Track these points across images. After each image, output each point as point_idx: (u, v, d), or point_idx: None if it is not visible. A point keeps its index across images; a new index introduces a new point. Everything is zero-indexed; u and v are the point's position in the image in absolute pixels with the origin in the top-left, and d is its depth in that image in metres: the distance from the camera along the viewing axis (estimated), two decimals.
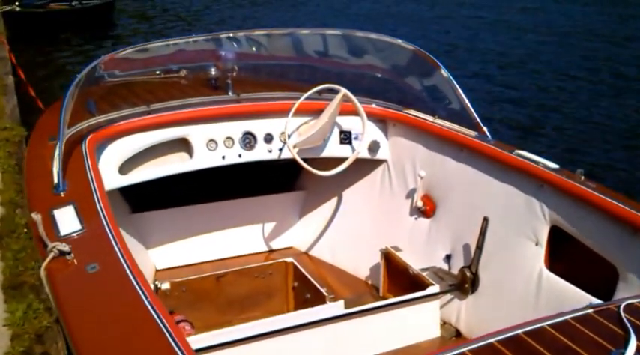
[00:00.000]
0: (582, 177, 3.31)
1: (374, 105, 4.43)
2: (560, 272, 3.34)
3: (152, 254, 4.50)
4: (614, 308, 2.10)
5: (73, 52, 15.38)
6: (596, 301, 3.01)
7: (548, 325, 1.99)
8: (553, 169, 3.45)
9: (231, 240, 4.72)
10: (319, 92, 4.23)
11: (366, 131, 4.31)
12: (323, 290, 3.89)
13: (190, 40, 4.67)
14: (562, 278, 3.30)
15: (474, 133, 3.98)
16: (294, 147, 4.13)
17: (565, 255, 3.38)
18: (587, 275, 3.23)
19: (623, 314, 2.03)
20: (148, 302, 2.24)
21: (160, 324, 2.12)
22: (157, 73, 4.64)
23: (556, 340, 1.93)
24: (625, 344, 1.86)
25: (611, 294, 3.04)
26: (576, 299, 3.14)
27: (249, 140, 4.21)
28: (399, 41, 4.51)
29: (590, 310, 2.10)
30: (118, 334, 2.18)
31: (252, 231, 4.82)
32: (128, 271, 2.43)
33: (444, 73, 4.25)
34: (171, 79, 4.67)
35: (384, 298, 3.98)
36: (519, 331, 1.95)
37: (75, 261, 2.59)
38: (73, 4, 17.60)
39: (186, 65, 4.66)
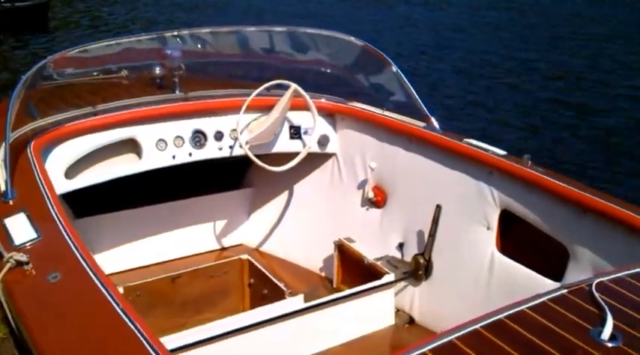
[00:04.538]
0: (529, 162, 3.43)
1: (323, 100, 4.47)
2: (511, 254, 3.44)
3: (100, 259, 4.35)
4: (586, 287, 2.14)
5: (1, 56, 14.81)
6: (548, 282, 3.13)
7: (527, 308, 2.03)
8: (502, 155, 3.56)
9: (181, 240, 4.66)
10: (269, 88, 4.24)
11: (316, 125, 4.35)
12: (281, 285, 3.88)
13: (134, 39, 4.60)
14: (514, 261, 3.40)
15: (422, 124, 4.06)
16: (246, 143, 4.13)
17: (516, 238, 3.48)
18: (538, 256, 3.34)
19: (595, 292, 2.08)
20: (120, 308, 2.17)
21: (133, 327, 2.07)
22: (101, 73, 4.54)
23: (536, 322, 1.97)
24: (602, 322, 1.91)
25: (562, 274, 3.15)
26: (528, 280, 3.24)
27: (199, 138, 4.18)
28: (349, 37, 4.55)
29: (565, 291, 2.13)
30: (90, 343, 2.10)
31: (202, 230, 4.77)
32: (93, 276, 2.36)
33: (393, 67, 4.32)
34: (115, 79, 4.57)
35: (338, 289, 4.02)
36: (501, 316, 1.98)
37: (34, 271, 2.48)
38: (4, 5, 16.90)
39: (130, 64, 4.57)
